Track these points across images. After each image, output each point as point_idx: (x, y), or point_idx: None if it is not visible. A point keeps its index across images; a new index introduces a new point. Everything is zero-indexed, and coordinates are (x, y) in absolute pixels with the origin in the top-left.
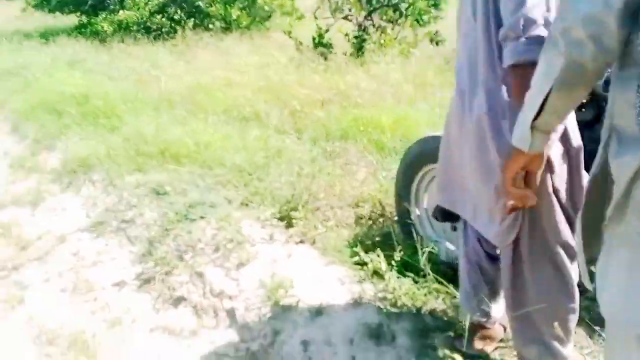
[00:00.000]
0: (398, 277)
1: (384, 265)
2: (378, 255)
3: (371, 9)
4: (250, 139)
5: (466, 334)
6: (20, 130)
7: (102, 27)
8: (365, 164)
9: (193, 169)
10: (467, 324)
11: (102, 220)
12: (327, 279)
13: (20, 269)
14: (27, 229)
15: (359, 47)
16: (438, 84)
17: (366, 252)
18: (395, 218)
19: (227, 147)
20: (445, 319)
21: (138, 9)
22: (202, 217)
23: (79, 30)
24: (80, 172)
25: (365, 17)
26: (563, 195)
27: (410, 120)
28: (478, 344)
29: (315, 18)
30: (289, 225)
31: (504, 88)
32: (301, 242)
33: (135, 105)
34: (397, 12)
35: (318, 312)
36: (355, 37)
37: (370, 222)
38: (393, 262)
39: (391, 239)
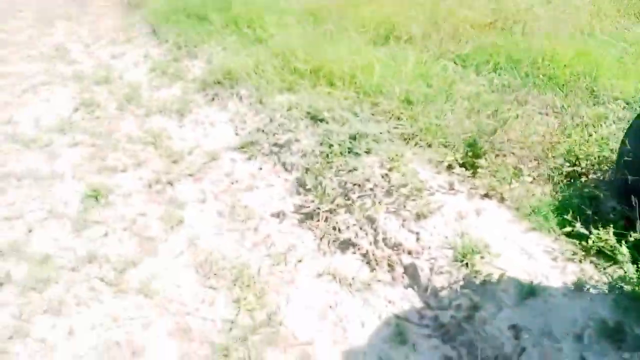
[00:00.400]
0: (634, 263)
1: (625, 249)
2: (607, 232)
3: None
4: (408, 65)
5: None
6: (159, 33)
7: None
8: (542, 105)
9: (348, 95)
10: None
11: (253, 141)
12: (531, 250)
13: (175, 185)
14: (176, 142)
15: None
16: (616, 14)
17: (583, 223)
18: (598, 177)
19: (384, 73)
20: None
21: None
22: (366, 152)
23: None
24: (226, 84)
25: None
26: None
27: (593, 55)
28: None
29: None
30: (473, 174)
31: None
32: (486, 195)
33: (280, 17)
34: None
35: (529, 291)
36: None
37: (569, 181)
38: (623, 242)
39: (601, 206)
